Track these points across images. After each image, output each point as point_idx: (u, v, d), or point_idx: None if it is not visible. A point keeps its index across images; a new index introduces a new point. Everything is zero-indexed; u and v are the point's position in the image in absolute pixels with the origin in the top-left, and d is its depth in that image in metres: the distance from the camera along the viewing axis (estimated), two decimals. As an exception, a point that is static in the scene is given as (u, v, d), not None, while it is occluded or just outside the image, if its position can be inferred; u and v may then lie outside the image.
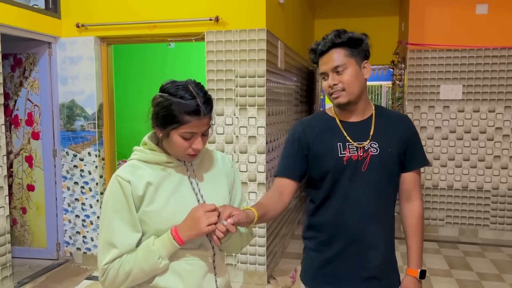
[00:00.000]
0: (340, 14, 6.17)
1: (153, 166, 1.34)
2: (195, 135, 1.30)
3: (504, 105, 4.62)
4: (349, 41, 1.55)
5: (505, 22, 4.55)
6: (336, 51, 1.54)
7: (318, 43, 1.58)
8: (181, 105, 1.26)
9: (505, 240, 4.67)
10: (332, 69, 1.53)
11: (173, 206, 1.31)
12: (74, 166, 3.88)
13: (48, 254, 3.95)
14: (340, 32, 1.55)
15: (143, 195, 1.29)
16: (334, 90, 1.54)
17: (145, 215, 1.29)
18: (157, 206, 1.30)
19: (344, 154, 1.55)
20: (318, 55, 1.58)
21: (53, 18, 3.73)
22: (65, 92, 3.86)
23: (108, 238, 1.28)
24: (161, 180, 1.32)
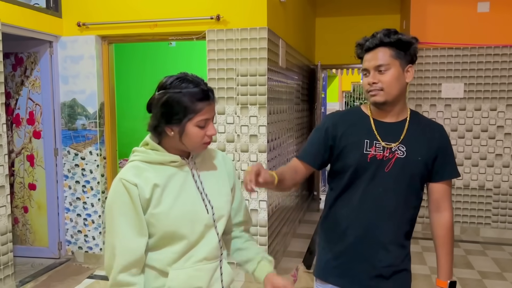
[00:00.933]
0: (342, 12, 6.16)
1: (156, 166, 1.32)
2: (208, 122, 1.31)
3: (506, 104, 4.61)
4: (398, 42, 1.55)
5: (506, 20, 4.54)
6: (383, 50, 1.54)
7: (366, 38, 1.59)
8: (191, 94, 1.27)
9: (506, 238, 4.66)
10: (375, 67, 1.54)
11: (180, 206, 1.30)
12: (76, 165, 3.89)
13: (49, 253, 3.96)
14: (390, 31, 1.56)
15: (150, 198, 1.27)
16: (373, 88, 1.54)
17: (153, 217, 1.28)
18: (164, 207, 1.28)
19: (370, 151, 1.55)
20: (364, 51, 1.58)
21: (54, 17, 3.72)
22: (66, 91, 3.86)
23: (116, 243, 1.26)
24: (167, 180, 1.30)
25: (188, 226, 1.30)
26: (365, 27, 5.96)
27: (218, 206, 1.37)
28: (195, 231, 1.31)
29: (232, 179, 1.48)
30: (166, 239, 1.30)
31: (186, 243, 1.30)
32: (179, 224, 1.28)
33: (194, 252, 1.32)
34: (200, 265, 1.33)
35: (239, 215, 1.53)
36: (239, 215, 1.53)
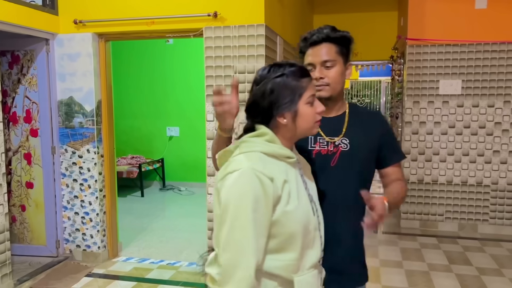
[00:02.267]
0: (339, 9, 6.14)
1: (273, 160, 1.22)
2: (314, 98, 1.29)
3: (504, 100, 4.61)
4: (342, 39, 1.57)
5: (504, 16, 4.54)
6: (328, 45, 1.56)
7: (312, 32, 1.58)
8: (293, 73, 1.25)
9: (504, 234, 4.68)
10: (321, 62, 1.55)
11: (302, 206, 1.23)
12: (73, 163, 3.87)
13: (47, 251, 3.95)
14: (334, 27, 1.58)
15: (281, 194, 1.18)
16: (320, 83, 1.55)
17: (284, 215, 1.18)
18: (293, 206, 1.20)
19: (314, 147, 1.57)
20: (309, 45, 1.58)
21: (51, 15, 3.71)
22: (63, 89, 3.84)
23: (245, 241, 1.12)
24: (288, 176, 1.23)
25: (306, 229, 1.23)
26: (363, 24, 5.99)
27: (318, 208, 1.34)
28: (308, 233, 1.24)
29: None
30: (287, 242, 1.20)
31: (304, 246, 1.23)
32: (303, 225, 1.21)
33: (308, 257, 1.25)
34: (314, 271, 1.27)
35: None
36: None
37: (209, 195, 3.57)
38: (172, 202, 6.39)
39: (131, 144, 7.31)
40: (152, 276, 3.64)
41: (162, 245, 4.42)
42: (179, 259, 4.02)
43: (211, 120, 3.51)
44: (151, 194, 6.90)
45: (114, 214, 4.06)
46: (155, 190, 7.19)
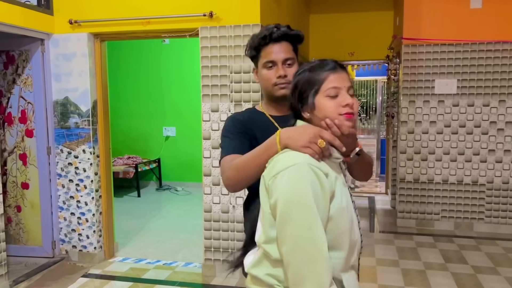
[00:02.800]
0: (335, 9, 6.15)
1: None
2: (339, 90, 1.22)
3: (499, 99, 4.63)
4: (297, 37, 1.61)
5: (499, 16, 4.56)
6: (287, 44, 1.59)
7: (270, 30, 1.57)
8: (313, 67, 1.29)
9: (500, 233, 4.70)
10: (283, 60, 1.57)
11: (348, 203, 1.22)
12: (69, 163, 3.86)
13: (43, 252, 3.94)
14: (289, 26, 1.60)
15: (335, 190, 1.18)
16: (283, 81, 1.56)
17: (339, 212, 1.17)
18: (344, 203, 1.19)
19: None
20: (267, 42, 1.58)
21: (46, 15, 3.69)
22: (58, 89, 3.83)
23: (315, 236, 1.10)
24: (336, 175, 1.22)
25: (351, 227, 1.21)
26: (359, 23, 6.00)
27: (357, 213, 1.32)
28: (355, 233, 1.23)
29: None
30: (339, 239, 1.18)
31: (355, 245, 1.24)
32: (350, 223, 1.20)
33: (352, 258, 1.24)
34: (353, 272, 1.27)
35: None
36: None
37: (205, 195, 3.57)
38: (168, 202, 6.39)
39: (128, 144, 7.30)
40: (149, 277, 3.64)
41: (158, 245, 4.41)
42: (175, 259, 4.02)
43: (207, 120, 3.51)
44: (147, 194, 6.89)
45: (110, 215, 4.05)
46: (151, 190, 7.18)
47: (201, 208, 3.64)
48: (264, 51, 1.59)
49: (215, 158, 3.52)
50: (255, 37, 1.61)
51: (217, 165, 3.52)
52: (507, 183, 4.70)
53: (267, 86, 1.62)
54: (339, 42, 6.01)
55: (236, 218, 3.52)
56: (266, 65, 1.59)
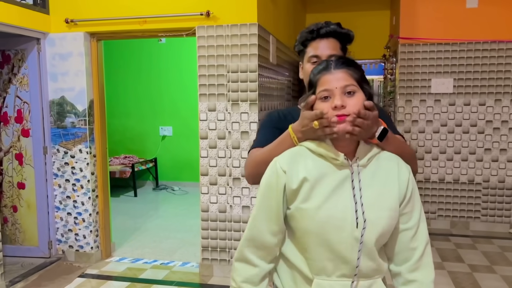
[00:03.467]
0: (332, 8, 6.16)
1: (317, 158, 1.23)
2: (331, 93, 1.18)
3: (495, 98, 4.65)
4: (346, 36, 1.57)
5: (495, 15, 4.57)
6: (335, 41, 1.55)
7: (319, 25, 1.55)
8: (317, 67, 1.25)
9: (496, 232, 4.72)
10: (328, 56, 1.51)
11: (328, 209, 1.18)
12: (65, 163, 3.85)
13: (40, 252, 3.92)
14: (340, 24, 1.57)
15: (297, 190, 1.20)
16: None
17: (298, 212, 1.20)
18: (312, 205, 1.18)
19: None
20: (315, 37, 1.56)
21: (42, 14, 3.68)
22: (55, 88, 3.82)
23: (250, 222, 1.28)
24: (320, 177, 1.20)
25: (334, 234, 1.18)
26: (356, 23, 6.00)
27: (373, 221, 1.18)
28: (341, 241, 1.18)
29: (403, 191, 1.24)
30: (305, 239, 1.21)
31: (330, 251, 1.19)
32: (324, 228, 1.18)
33: (340, 264, 1.20)
34: (348, 280, 1.20)
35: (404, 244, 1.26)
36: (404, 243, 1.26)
37: (202, 195, 3.56)
38: (165, 202, 6.37)
39: (124, 144, 7.28)
40: (146, 276, 3.63)
41: (155, 245, 4.41)
42: (172, 259, 4.02)
43: (204, 120, 3.51)
44: (144, 194, 6.87)
45: (107, 214, 4.04)
46: (148, 190, 7.17)
47: (198, 208, 3.64)
48: (310, 46, 1.57)
49: (212, 157, 3.52)
50: (303, 32, 1.59)
51: (214, 165, 3.51)
52: (503, 182, 4.72)
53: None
54: (335, 42, 6.00)
55: (234, 217, 3.52)
56: (310, 59, 1.55)
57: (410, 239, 1.25)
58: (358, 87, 1.19)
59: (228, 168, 3.48)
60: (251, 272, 1.27)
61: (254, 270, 1.27)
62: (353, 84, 1.19)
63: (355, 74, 1.20)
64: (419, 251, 1.25)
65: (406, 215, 1.25)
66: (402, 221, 1.25)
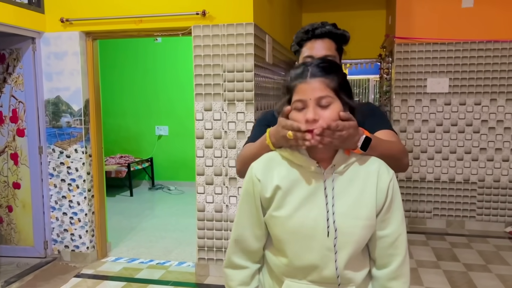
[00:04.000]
0: (328, 8, 6.16)
1: (292, 165, 1.21)
2: (305, 103, 1.13)
3: (490, 98, 4.66)
4: (342, 37, 1.56)
5: (490, 15, 4.59)
6: (330, 42, 1.54)
7: (314, 26, 1.55)
8: (291, 74, 1.21)
9: (491, 231, 4.74)
10: (323, 56, 1.50)
11: (299, 217, 1.17)
12: (61, 163, 3.83)
13: (35, 252, 3.91)
14: (336, 25, 1.56)
15: (271, 198, 1.20)
16: None
17: (271, 219, 1.21)
18: (284, 213, 1.18)
19: None
20: (310, 37, 1.55)
21: (37, 13, 3.66)
22: (50, 88, 3.80)
23: (234, 229, 1.31)
24: (292, 184, 1.19)
25: (304, 242, 1.17)
26: (352, 22, 6.00)
27: (345, 230, 1.16)
28: (311, 249, 1.17)
29: (382, 200, 1.20)
30: (279, 246, 1.23)
31: (298, 259, 1.19)
32: (295, 237, 1.18)
33: (311, 271, 1.19)
34: (318, 286, 1.20)
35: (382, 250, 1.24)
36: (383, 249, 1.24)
37: (198, 194, 3.56)
38: (161, 202, 6.36)
39: (120, 144, 7.26)
40: (142, 276, 3.62)
41: (151, 245, 4.40)
42: (168, 258, 4.01)
43: (200, 119, 3.50)
44: (140, 193, 6.86)
45: (103, 214, 4.03)
46: (144, 189, 7.15)
47: (194, 207, 3.63)
48: (306, 46, 1.56)
49: (208, 157, 3.51)
50: (299, 32, 1.59)
51: (210, 164, 3.51)
52: (498, 181, 4.74)
53: None
54: (331, 41, 6.01)
55: (230, 217, 3.52)
56: (305, 59, 1.53)
57: (389, 245, 1.22)
58: (334, 97, 1.14)
59: (224, 167, 3.47)
60: (242, 274, 1.31)
61: (245, 272, 1.31)
62: (329, 95, 1.13)
63: (332, 83, 1.14)
64: (399, 259, 1.23)
65: (384, 222, 1.22)
66: (379, 227, 1.22)
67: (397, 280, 1.24)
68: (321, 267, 1.18)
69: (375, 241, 1.23)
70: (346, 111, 1.15)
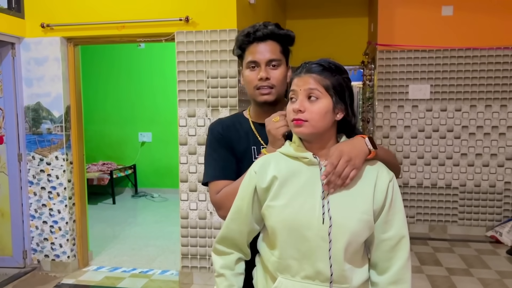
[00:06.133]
0: (311, 15, 6.21)
1: (289, 159, 1.25)
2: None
3: (470, 104, 4.75)
4: (286, 37, 1.47)
5: (469, 23, 4.68)
6: (274, 43, 1.45)
7: (256, 27, 1.45)
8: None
9: (472, 235, 4.80)
10: (267, 61, 1.43)
11: (295, 207, 1.18)
12: (41, 170, 3.76)
13: (14, 262, 3.81)
14: (279, 25, 1.47)
15: (268, 188, 1.23)
16: (265, 84, 1.43)
17: (267, 209, 1.23)
18: (280, 203, 1.20)
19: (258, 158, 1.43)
20: (252, 40, 1.45)
21: (16, 18, 3.60)
22: (30, 94, 3.73)
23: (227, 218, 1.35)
24: (290, 175, 1.22)
25: (296, 232, 1.17)
26: (334, 30, 6.07)
27: (340, 220, 1.16)
28: (304, 239, 1.17)
29: (381, 200, 1.20)
30: (273, 237, 1.23)
31: (292, 249, 1.18)
32: (290, 226, 1.18)
33: (305, 265, 1.18)
34: (311, 283, 1.18)
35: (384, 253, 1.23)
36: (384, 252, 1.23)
37: (182, 201, 3.53)
38: (144, 209, 6.29)
39: (102, 150, 7.16)
40: (124, 285, 3.56)
41: (134, 253, 4.33)
42: (151, 267, 3.96)
43: (184, 126, 3.48)
44: (123, 201, 6.77)
45: (84, 222, 3.96)
46: (127, 197, 7.06)
47: (178, 215, 3.59)
48: (248, 50, 1.46)
49: (192, 163, 3.49)
50: (239, 35, 1.49)
51: (193, 171, 3.48)
52: (479, 186, 4.81)
53: (249, 88, 1.48)
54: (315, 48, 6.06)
55: (214, 224, 3.49)
56: (248, 65, 1.46)
57: (391, 248, 1.22)
58: (325, 93, 1.19)
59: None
60: (226, 260, 1.36)
61: (229, 258, 1.36)
62: (318, 89, 1.19)
63: (324, 80, 1.20)
64: (400, 263, 1.22)
65: (386, 224, 1.21)
66: (381, 230, 1.22)
67: (397, 284, 1.22)
68: (314, 259, 1.16)
69: (377, 244, 1.23)
70: (339, 111, 1.22)
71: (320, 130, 1.20)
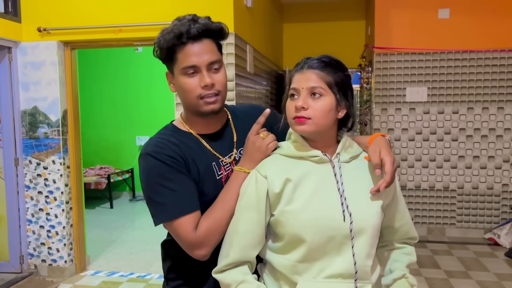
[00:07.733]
0: (308, 19, 6.22)
1: (294, 160, 1.20)
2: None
3: (467, 107, 4.76)
4: (220, 32, 1.29)
5: (466, 26, 4.70)
6: (209, 42, 1.26)
7: (186, 25, 1.24)
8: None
9: (470, 237, 4.80)
10: (208, 63, 1.23)
11: (314, 208, 1.14)
12: (38, 175, 3.74)
13: (11, 267, 3.79)
14: (210, 18, 1.29)
15: (281, 192, 1.16)
16: (210, 92, 1.24)
17: (283, 215, 1.15)
18: (296, 206, 1.14)
19: (221, 174, 1.31)
20: (186, 40, 1.23)
21: (13, 22, 3.59)
22: (27, 98, 3.72)
23: (234, 237, 1.20)
24: (302, 176, 1.17)
25: (321, 232, 1.13)
26: (332, 33, 6.08)
27: (359, 216, 1.16)
28: (328, 239, 1.14)
29: (389, 194, 1.24)
30: (294, 243, 1.16)
31: (317, 251, 1.14)
32: (310, 228, 1.13)
33: (327, 264, 1.15)
34: (334, 281, 1.15)
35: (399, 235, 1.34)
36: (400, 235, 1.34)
37: (180, 205, 3.51)
38: (142, 213, 6.26)
39: (99, 154, 7.14)
40: (122, 290, 3.55)
41: (132, 258, 4.31)
42: (149, 271, 3.94)
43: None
44: (120, 205, 6.74)
45: (81, 227, 3.94)
46: (124, 201, 7.04)
47: (176, 219, 3.57)
48: (181, 53, 1.23)
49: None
50: (166, 35, 1.25)
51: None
52: (477, 188, 4.82)
53: (190, 98, 1.26)
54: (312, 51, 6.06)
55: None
56: (185, 71, 1.24)
57: (406, 233, 1.35)
58: (328, 90, 1.16)
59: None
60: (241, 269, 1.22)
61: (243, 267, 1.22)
62: (321, 86, 1.15)
63: (327, 77, 1.16)
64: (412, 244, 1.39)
65: (399, 212, 1.29)
66: (396, 218, 1.30)
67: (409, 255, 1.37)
68: (338, 257, 1.15)
69: (394, 231, 1.33)
70: (341, 109, 1.20)
71: (323, 128, 1.18)
